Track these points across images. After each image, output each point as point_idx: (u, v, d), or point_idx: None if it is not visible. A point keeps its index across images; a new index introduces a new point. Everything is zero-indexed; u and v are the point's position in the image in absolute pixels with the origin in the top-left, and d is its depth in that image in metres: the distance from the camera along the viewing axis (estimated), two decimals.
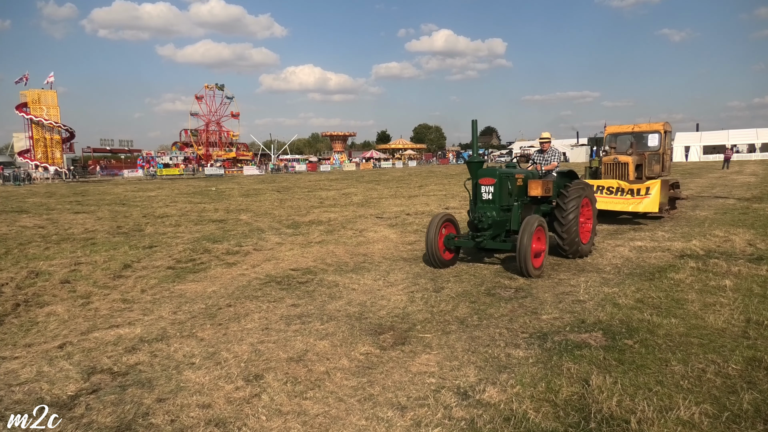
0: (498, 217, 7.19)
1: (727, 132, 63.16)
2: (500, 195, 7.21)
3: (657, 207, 10.94)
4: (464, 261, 7.86)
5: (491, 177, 7.23)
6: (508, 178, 7.39)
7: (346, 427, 3.17)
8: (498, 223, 7.21)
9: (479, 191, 7.33)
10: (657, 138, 12.80)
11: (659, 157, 12.79)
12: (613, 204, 11.40)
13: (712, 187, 20.88)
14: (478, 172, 7.38)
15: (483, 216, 7.15)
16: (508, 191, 7.35)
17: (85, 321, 5.39)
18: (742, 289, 5.85)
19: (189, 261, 8.32)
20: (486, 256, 8.15)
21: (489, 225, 7.12)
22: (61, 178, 47.88)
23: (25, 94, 50.61)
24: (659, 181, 11.17)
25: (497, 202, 7.21)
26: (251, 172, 58.80)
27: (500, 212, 7.24)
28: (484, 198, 7.27)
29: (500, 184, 7.21)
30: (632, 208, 11.24)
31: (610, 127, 14.12)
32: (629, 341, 4.36)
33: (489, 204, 7.24)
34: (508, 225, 7.41)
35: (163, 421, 3.27)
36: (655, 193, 10.99)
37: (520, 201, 7.60)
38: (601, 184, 11.73)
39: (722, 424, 3.05)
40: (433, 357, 4.21)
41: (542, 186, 7.52)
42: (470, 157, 7.55)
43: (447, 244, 7.32)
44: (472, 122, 7.38)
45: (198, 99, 74.84)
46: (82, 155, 69.55)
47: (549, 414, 3.22)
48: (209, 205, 18.07)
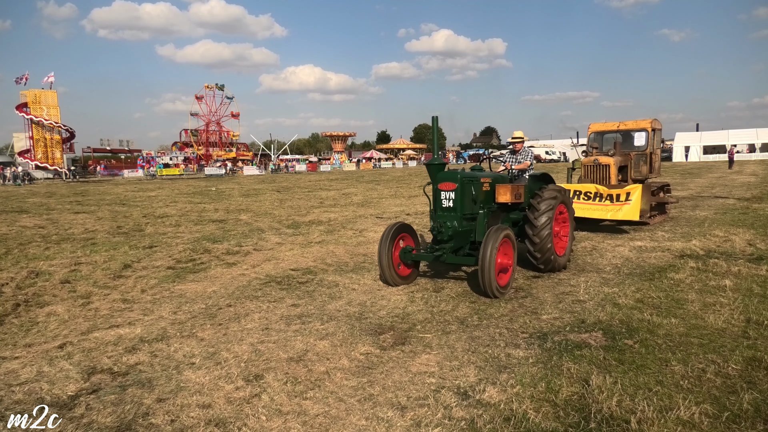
0: (460, 228, 6.30)
1: (727, 132, 63.13)
2: (462, 202, 6.29)
3: (637, 214, 9.80)
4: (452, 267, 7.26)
5: (451, 181, 6.29)
6: (472, 182, 6.47)
7: (346, 427, 3.17)
8: (460, 234, 6.32)
9: (439, 198, 6.42)
10: (644, 136, 11.68)
11: (647, 158, 11.70)
12: (590, 211, 10.24)
13: (712, 187, 20.88)
14: (437, 176, 6.44)
15: (443, 226, 6.24)
16: (472, 198, 6.45)
17: (85, 321, 5.39)
18: (742, 289, 5.85)
19: (189, 261, 8.32)
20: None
21: (449, 236, 6.22)
22: (62, 178, 47.87)
23: (25, 94, 50.63)
24: (640, 187, 10.09)
25: (459, 210, 6.29)
26: (251, 172, 58.79)
27: (463, 222, 6.35)
28: (445, 206, 6.35)
29: (462, 189, 6.27)
30: (611, 216, 10.05)
31: (594, 124, 12.86)
32: (629, 341, 4.36)
33: (450, 212, 6.34)
34: (473, 236, 6.48)
35: (163, 421, 3.27)
36: (635, 199, 9.86)
37: (486, 208, 6.63)
38: (578, 189, 10.60)
39: (722, 424, 3.05)
40: (433, 357, 4.21)
41: (512, 191, 6.64)
42: (429, 159, 6.62)
43: (403, 258, 6.43)
44: (433, 119, 6.39)
45: (198, 99, 74.84)
46: (82, 155, 69.56)
47: (549, 414, 3.22)
48: (209, 205, 18.07)
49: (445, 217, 6.35)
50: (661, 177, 12.94)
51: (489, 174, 7.12)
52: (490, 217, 6.75)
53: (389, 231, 6.35)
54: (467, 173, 6.57)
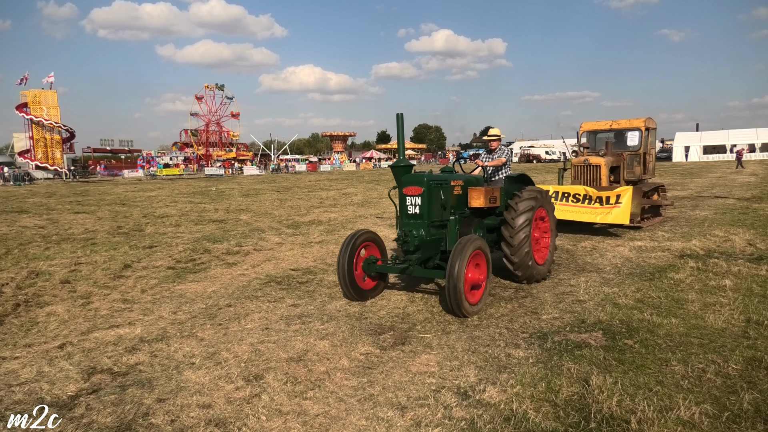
0: (428, 236, 5.69)
1: (727, 132, 63.10)
2: (430, 208, 5.69)
3: (627, 218, 9.43)
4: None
5: (417, 185, 5.68)
6: (441, 185, 5.84)
7: (346, 427, 3.17)
8: (428, 244, 5.72)
9: (404, 203, 5.83)
10: (637, 136, 11.24)
11: (641, 158, 11.29)
12: (579, 214, 9.87)
13: (712, 187, 20.88)
14: (402, 179, 5.86)
15: (408, 235, 5.64)
16: (441, 203, 5.83)
17: (85, 321, 5.39)
18: (742, 289, 5.85)
19: (189, 261, 8.32)
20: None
21: (416, 246, 5.63)
22: (62, 178, 47.87)
23: (25, 94, 50.61)
24: (630, 189, 9.61)
25: (426, 217, 5.68)
26: (251, 172, 58.80)
27: (431, 230, 5.75)
28: (410, 212, 5.76)
29: (429, 194, 5.67)
30: (600, 219, 9.69)
31: (586, 123, 12.32)
32: (629, 341, 4.36)
33: (416, 219, 5.73)
34: (444, 245, 5.90)
35: (163, 421, 3.27)
36: (626, 202, 9.46)
37: (458, 214, 6.07)
38: (566, 191, 10.20)
39: (722, 424, 3.05)
40: (433, 357, 4.21)
41: (486, 194, 6.03)
42: (395, 161, 6.04)
43: (367, 269, 5.86)
44: (397, 116, 5.81)
45: (198, 99, 74.88)
46: (82, 155, 69.59)
47: (549, 414, 3.22)
48: (209, 205, 18.07)
49: (411, 224, 5.74)
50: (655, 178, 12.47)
51: (461, 176, 6.42)
52: (463, 223, 6.18)
53: (350, 240, 5.77)
54: (435, 175, 5.92)
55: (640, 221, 10.49)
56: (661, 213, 11.90)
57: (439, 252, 5.91)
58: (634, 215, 9.81)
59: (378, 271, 5.94)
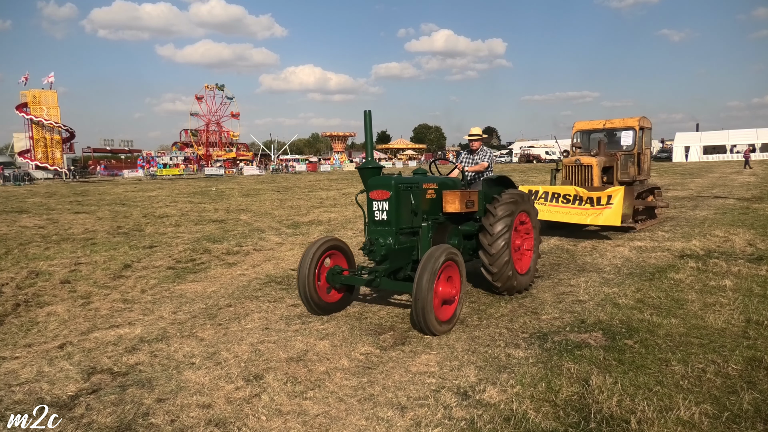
0: (397, 245, 5.18)
1: (727, 132, 63.15)
2: (398, 213, 5.15)
3: (619, 219, 9.11)
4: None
5: (384, 189, 5.15)
6: (411, 189, 5.31)
7: (346, 427, 3.17)
8: (397, 253, 5.21)
9: (371, 208, 5.33)
10: (631, 135, 10.95)
11: (635, 158, 11.00)
12: (569, 215, 9.58)
13: (712, 187, 20.88)
14: (368, 182, 5.35)
15: (374, 243, 5.15)
16: (412, 208, 5.29)
17: (85, 321, 5.39)
18: (742, 289, 5.85)
19: (189, 261, 8.32)
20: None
21: (383, 256, 5.12)
22: (62, 178, 47.87)
23: (25, 94, 50.61)
24: (622, 189, 9.30)
25: (394, 224, 5.15)
26: (251, 172, 58.81)
27: (399, 237, 5.23)
28: (377, 218, 5.24)
29: (398, 198, 5.14)
30: (590, 221, 9.38)
31: (579, 123, 12.05)
32: (629, 341, 4.36)
33: (383, 226, 5.22)
34: (416, 254, 5.42)
35: (163, 421, 3.27)
36: (617, 203, 9.13)
37: (431, 220, 5.54)
38: (556, 192, 9.91)
39: (722, 424, 3.05)
40: (433, 357, 4.21)
41: (461, 198, 5.55)
42: (363, 162, 5.54)
43: (331, 280, 5.39)
44: (365, 113, 5.31)
45: (198, 99, 74.81)
46: (82, 155, 69.60)
47: (549, 414, 3.22)
48: (209, 205, 18.07)
49: (378, 232, 5.23)
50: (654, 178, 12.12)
51: (435, 178, 5.95)
52: (437, 230, 5.65)
53: (313, 249, 5.31)
54: (405, 178, 5.42)
55: (635, 223, 10.26)
56: (657, 215, 11.65)
57: (411, 262, 5.41)
58: (626, 216, 9.51)
59: (343, 283, 5.46)
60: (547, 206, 9.74)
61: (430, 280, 4.46)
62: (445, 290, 4.77)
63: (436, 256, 4.62)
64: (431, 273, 4.48)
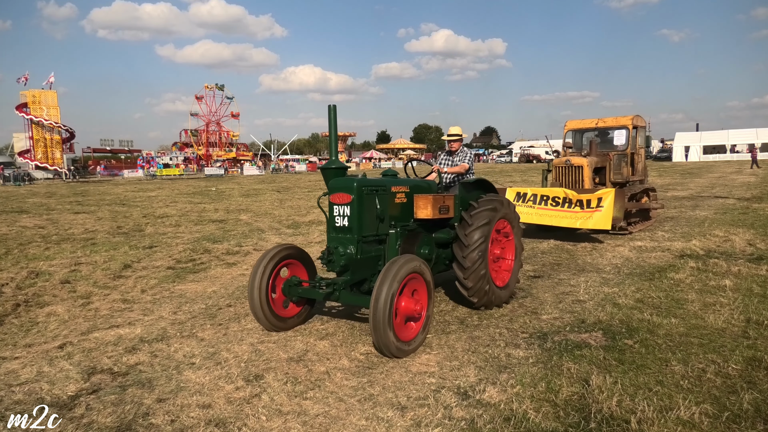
0: (359, 254, 4.69)
1: (727, 132, 63.14)
2: (361, 219, 4.67)
3: (609, 223, 8.71)
4: None
5: (345, 192, 4.67)
6: (376, 192, 4.84)
7: (346, 427, 3.17)
8: (360, 264, 4.73)
9: (332, 213, 4.84)
10: (624, 135, 10.54)
11: (628, 158, 10.65)
12: (558, 219, 9.22)
13: (712, 187, 20.88)
14: (329, 184, 4.87)
15: (333, 252, 4.66)
16: (377, 213, 4.83)
17: (85, 321, 5.39)
18: (742, 289, 5.85)
19: (189, 261, 8.32)
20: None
21: (343, 267, 4.65)
22: (61, 178, 47.87)
23: (25, 94, 50.62)
24: (612, 191, 8.91)
25: (356, 231, 4.66)
26: (251, 172, 58.81)
27: (362, 246, 4.73)
28: (338, 224, 4.76)
29: (360, 202, 4.65)
30: (580, 224, 9.02)
31: (571, 122, 11.65)
32: (629, 341, 4.36)
33: (344, 233, 4.72)
34: (382, 264, 4.92)
35: (163, 421, 3.27)
36: (607, 206, 8.73)
37: (401, 227, 5.06)
38: (545, 194, 9.51)
39: (722, 424, 3.05)
40: (433, 357, 4.21)
41: (434, 203, 4.98)
42: (325, 162, 5.08)
43: (288, 293, 4.92)
44: (329, 108, 4.80)
45: (198, 99, 74.79)
46: (82, 155, 69.59)
47: (549, 414, 3.22)
48: (209, 205, 18.08)
49: (338, 240, 4.73)
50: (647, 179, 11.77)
51: (406, 181, 5.48)
52: (406, 238, 5.15)
53: (265, 259, 4.82)
54: (370, 180, 4.92)
55: (628, 226, 9.93)
56: (651, 217, 11.24)
57: (377, 273, 4.84)
58: (617, 220, 8.96)
59: (301, 296, 4.95)
60: (535, 209, 9.51)
61: (389, 294, 3.96)
62: (408, 306, 4.28)
63: (398, 267, 4.13)
64: (391, 285, 3.99)
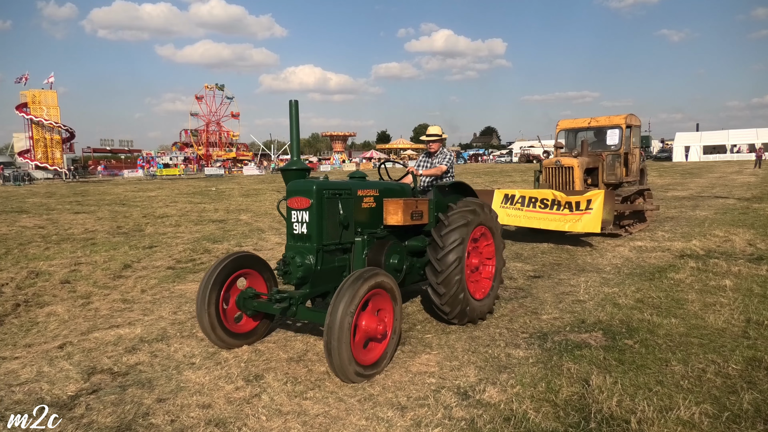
0: (319, 265, 4.24)
1: (727, 132, 63.09)
2: (321, 226, 4.24)
3: (599, 226, 8.30)
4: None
5: (304, 195, 4.24)
6: (339, 197, 4.40)
7: (346, 427, 3.17)
8: (320, 276, 4.28)
9: (289, 219, 4.40)
10: (617, 134, 10.23)
11: (622, 158, 10.31)
12: (547, 221, 8.88)
13: (712, 187, 20.89)
14: (287, 187, 4.45)
15: (290, 263, 4.18)
16: (340, 220, 4.37)
17: (85, 321, 5.39)
18: (742, 289, 5.85)
19: (189, 261, 8.32)
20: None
21: (301, 279, 4.19)
22: (61, 178, 47.88)
23: (25, 94, 50.61)
24: (602, 193, 8.42)
25: (316, 239, 4.22)
26: (251, 172, 58.83)
27: (323, 255, 4.29)
28: (296, 232, 4.32)
29: (320, 207, 4.22)
30: (569, 227, 8.66)
31: (563, 121, 11.34)
32: (629, 341, 4.36)
33: (303, 242, 4.29)
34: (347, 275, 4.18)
35: (163, 421, 3.27)
36: (597, 208, 8.33)
37: (368, 234, 4.61)
38: (533, 196, 9.14)
39: (722, 424, 3.05)
40: (433, 357, 4.21)
41: (405, 208, 4.54)
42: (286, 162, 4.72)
43: (242, 306, 4.48)
44: (290, 104, 4.41)
45: (198, 99, 74.90)
46: (82, 155, 69.61)
47: (549, 414, 3.22)
48: (209, 206, 18.07)
49: (296, 249, 4.28)
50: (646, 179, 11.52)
51: (375, 184, 5.01)
52: (374, 247, 4.65)
53: (217, 269, 4.38)
54: (332, 183, 4.45)
55: (619, 229, 9.67)
56: (646, 219, 10.93)
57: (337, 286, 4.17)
58: (606, 223, 8.51)
59: (257, 310, 4.49)
60: (524, 212, 9.26)
61: (346, 312, 3.55)
62: (370, 325, 3.84)
63: (358, 280, 3.69)
64: (349, 302, 3.58)
